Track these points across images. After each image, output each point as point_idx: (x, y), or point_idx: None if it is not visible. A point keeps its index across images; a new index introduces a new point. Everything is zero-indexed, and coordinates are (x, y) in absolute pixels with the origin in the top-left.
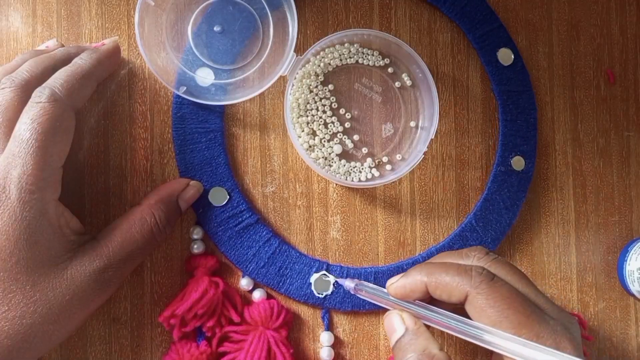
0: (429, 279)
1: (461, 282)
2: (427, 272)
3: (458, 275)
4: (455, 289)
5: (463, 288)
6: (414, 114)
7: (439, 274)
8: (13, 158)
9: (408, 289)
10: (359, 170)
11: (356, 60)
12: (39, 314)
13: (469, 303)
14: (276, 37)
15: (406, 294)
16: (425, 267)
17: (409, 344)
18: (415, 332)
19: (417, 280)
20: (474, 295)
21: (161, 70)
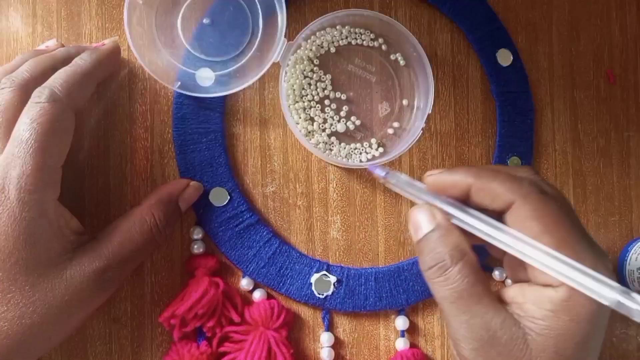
0: (475, 180)
1: (510, 189)
2: (475, 173)
3: (508, 181)
4: (501, 195)
5: (510, 195)
6: (410, 92)
7: (487, 177)
8: (12, 158)
9: (448, 183)
10: (360, 152)
11: (348, 41)
12: (38, 314)
13: (513, 212)
14: (267, 24)
15: (445, 188)
16: (473, 169)
17: (440, 240)
18: (447, 229)
19: (462, 177)
20: (521, 204)
21: (155, 66)
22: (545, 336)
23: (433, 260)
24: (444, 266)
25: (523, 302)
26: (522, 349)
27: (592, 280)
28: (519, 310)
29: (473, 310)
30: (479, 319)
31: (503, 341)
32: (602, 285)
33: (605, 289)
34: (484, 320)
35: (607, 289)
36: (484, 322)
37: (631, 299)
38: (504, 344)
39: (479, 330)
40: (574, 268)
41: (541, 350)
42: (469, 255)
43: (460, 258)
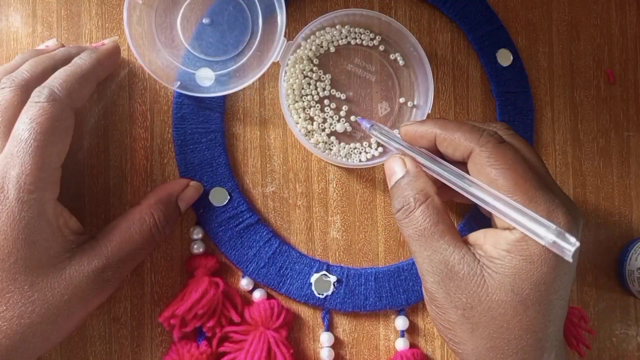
0: (439, 131)
1: (469, 139)
2: (441, 125)
3: (469, 132)
4: (461, 144)
5: (469, 144)
6: (409, 91)
7: (451, 129)
8: (12, 158)
9: (418, 134)
10: (359, 151)
11: (348, 41)
12: (37, 313)
13: (471, 160)
14: (266, 24)
15: (415, 138)
16: (441, 120)
17: (408, 185)
18: (415, 175)
19: (429, 129)
20: (477, 152)
21: (154, 66)
22: (502, 274)
23: (400, 203)
24: (409, 208)
25: (483, 243)
26: (480, 284)
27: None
28: (479, 250)
29: (434, 246)
30: (439, 254)
31: (461, 275)
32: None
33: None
34: (443, 255)
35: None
36: (444, 257)
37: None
38: (462, 278)
39: (439, 264)
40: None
41: (498, 287)
42: (432, 198)
43: (423, 200)
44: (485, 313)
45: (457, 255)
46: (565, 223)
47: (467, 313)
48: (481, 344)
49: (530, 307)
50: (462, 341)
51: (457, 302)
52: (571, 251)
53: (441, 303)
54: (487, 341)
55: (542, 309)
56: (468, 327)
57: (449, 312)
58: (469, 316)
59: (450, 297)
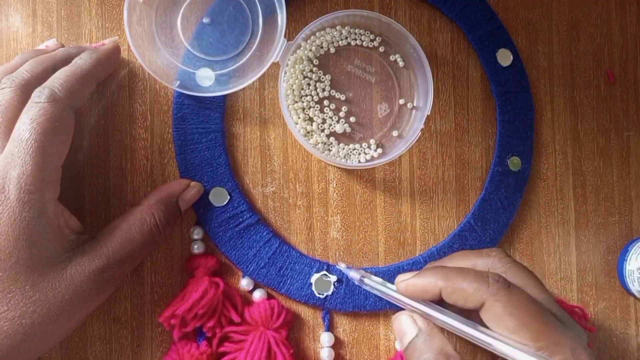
0: (445, 284)
1: (478, 289)
2: (444, 276)
3: (476, 281)
4: (472, 296)
5: (480, 295)
6: (409, 93)
7: (455, 279)
8: (12, 158)
9: (420, 289)
10: (358, 152)
11: (348, 42)
12: (38, 313)
13: (486, 311)
14: (266, 24)
15: (417, 293)
16: (441, 271)
17: (424, 345)
18: (429, 333)
19: (432, 282)
20: (492, 302)
21: (154, 66)
22: None
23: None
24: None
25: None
26: None
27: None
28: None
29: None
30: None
31: None
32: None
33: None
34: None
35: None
36: None
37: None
38: None
39: None
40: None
41: None
42: (454, 357)
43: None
44: None
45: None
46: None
47: None
48: None
49: None
50: None
51: None
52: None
53: None
54: None
55: None
56: None
57: None
58: None
59: None
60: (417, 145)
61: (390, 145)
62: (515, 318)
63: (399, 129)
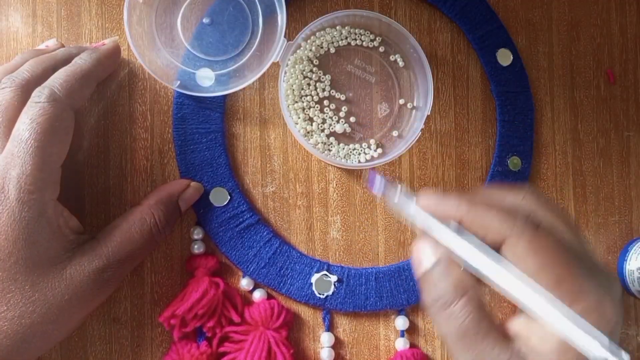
0: (467, 212)
1: (502, 225)
2: (469, 203)
3: (502, 215)
4: (493, 230)
5: (503, 231)
6: (409, 93)
7: (480, 210)
8: (12, 158)
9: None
10: (358, 152)
11: (348, 42)
12: (37, 313)
13: (508, 248)
14: (266, 24)
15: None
16: (467, 198)
17: (442, 275)
18: (449, 263)
19: (454, 206)
20: (515, 241)
21: (154, 66)
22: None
23: (435, 295)
24: (447, 302)
25: (528, 336)
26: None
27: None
28: (524, 346)
29: (479, 348)
30: (485, 356)
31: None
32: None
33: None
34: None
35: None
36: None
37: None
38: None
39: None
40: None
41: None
42: (472, 290)
43: (463, 293)
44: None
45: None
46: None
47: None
48: None
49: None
50: None
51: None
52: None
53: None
54: None
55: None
56: None
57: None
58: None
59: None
60: (417, 145)
61: (390, 145)
62: (538, 259)
63: (399, 129)
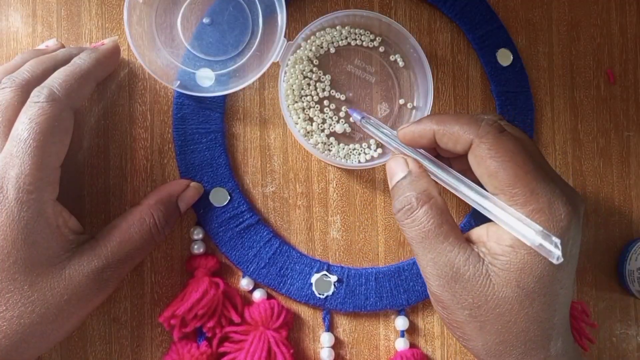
0: (438, 127)
1: (468, 131)
2: (438, 120)
3: (467, 124)
4: (461, 137)
5: (469, 136)
6: (409, 93)
7: (449, 122)
8: (11, 158)
9: (417, 134)
10: (358, 152)
11: (348, 42)
12: (37, 313)
13: (472, 152)
14: (266, 24)
15: (414, 139)
16: (437, 116)
17: (410, 184)
18: (418, 175)
19: (427, 127)
20: (478, 143)
21: (154, 66)
22: (507, 271)
23: (401, 203)
24: (410, 208)
25: (486, 240)
26: (485, 284)
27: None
28: (483, 248)
29: (438, 248)
30: (444, 256)
31: (467, 276)
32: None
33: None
34: (448, 257)
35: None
36: (448, 260)
37: (550, 241)
38: (468, 279)
39: (444, 267)
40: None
41: (504, 285)
42: (435, 199)
43: (426, 201)
44: (492, 310)
45: (462, 256)
46: (566, 214)
47: (475, 312)
48: (490, 339)
49: (535, 300)
50: (471, 338)
51: (463, 302)
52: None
53: (447, 304)
54: (495, 336)
55: (547, 300)
56: (476, 325)
57: (456, 312)
58: (476, 315)
59: (456, 299)
60: None
61: None
62: (497, 161)
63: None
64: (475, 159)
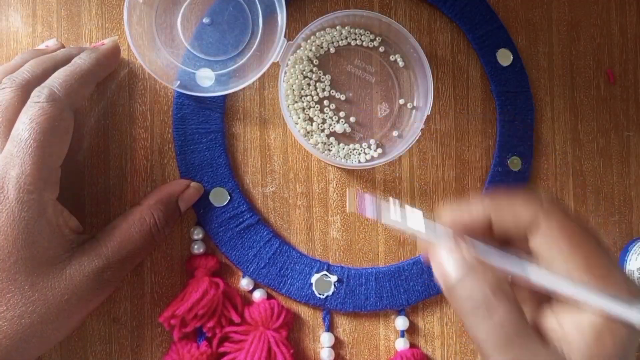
0: (494, 205)
1: (531, 207)
2: (492, 201)
3: (527, 200)
4: (524, 214)
5: (533, 212)
6: (409, 93)
7: (505, 201)
8: (11, 158)
9: (468, 217)
10: (358, 152)
11: (348, 42)
12: (37, 313)
13: (539, 232)
14: (266, 24)
15: (465, 223)
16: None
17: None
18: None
19: (480, 210)
20: (546, 221)
21: (154, 66)
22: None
23: (476, 302)
24: (488, 308)
25: (563, 332)
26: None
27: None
28: (562, 342)
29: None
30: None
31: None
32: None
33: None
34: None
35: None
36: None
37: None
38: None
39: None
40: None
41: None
42: (509, 292)
43: (502, 297)
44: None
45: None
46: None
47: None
48: None
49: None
50: None
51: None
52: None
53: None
54: None
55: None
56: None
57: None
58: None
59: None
60: (417, 145)
61: (390, 145)
62: (570, 241)
63: (399, 129)
64: (545, 240)
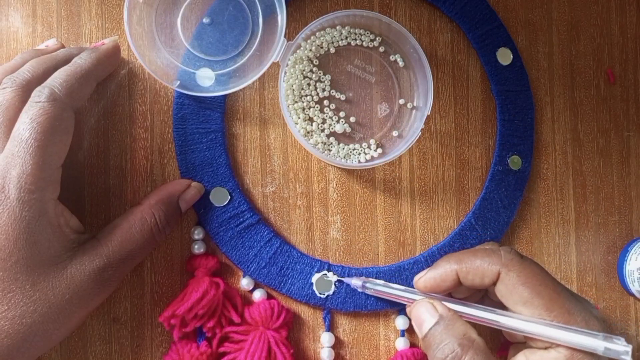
0: (459, 266)
1: (492, 262)
2: (457, 260)
3: (488, 256)
4: (487, 270)
5: (495, 268)
6: (409, 93)
7: (468, 259)
8: (12, 158)
9: (439, 280)
10: (358, 152)
11: (348, 42)
12: (38, 313)
13: (501, 282)
14: (266, 24)
15: (437, 285)
16: (452, 256)
17: (446, 330)
18: (451, 319)
19: (448, 269)
20: (506, 273)
21: (154, 66)
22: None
23: (444, 353)
24: (455, 356)
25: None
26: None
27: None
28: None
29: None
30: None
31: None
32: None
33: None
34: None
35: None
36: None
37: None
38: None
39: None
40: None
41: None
42: (477, 341)
43: (469, 345)
44: None
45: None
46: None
47: None
48: None
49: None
50: None
51: None
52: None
53: None
54: None
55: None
56: None
57: None
58: None
59: None
60: (417, 145)
61: (390, 145)
62: (529, 287)
63: (399, 129)
64: (506, 288)
